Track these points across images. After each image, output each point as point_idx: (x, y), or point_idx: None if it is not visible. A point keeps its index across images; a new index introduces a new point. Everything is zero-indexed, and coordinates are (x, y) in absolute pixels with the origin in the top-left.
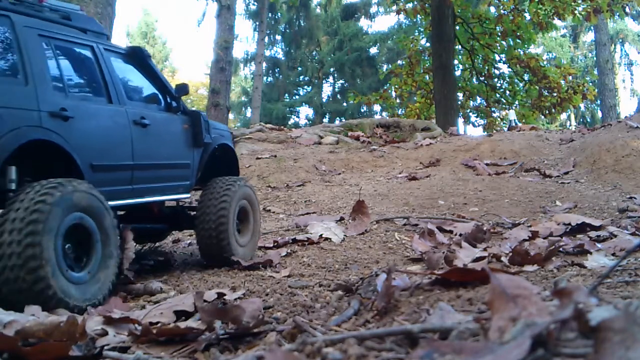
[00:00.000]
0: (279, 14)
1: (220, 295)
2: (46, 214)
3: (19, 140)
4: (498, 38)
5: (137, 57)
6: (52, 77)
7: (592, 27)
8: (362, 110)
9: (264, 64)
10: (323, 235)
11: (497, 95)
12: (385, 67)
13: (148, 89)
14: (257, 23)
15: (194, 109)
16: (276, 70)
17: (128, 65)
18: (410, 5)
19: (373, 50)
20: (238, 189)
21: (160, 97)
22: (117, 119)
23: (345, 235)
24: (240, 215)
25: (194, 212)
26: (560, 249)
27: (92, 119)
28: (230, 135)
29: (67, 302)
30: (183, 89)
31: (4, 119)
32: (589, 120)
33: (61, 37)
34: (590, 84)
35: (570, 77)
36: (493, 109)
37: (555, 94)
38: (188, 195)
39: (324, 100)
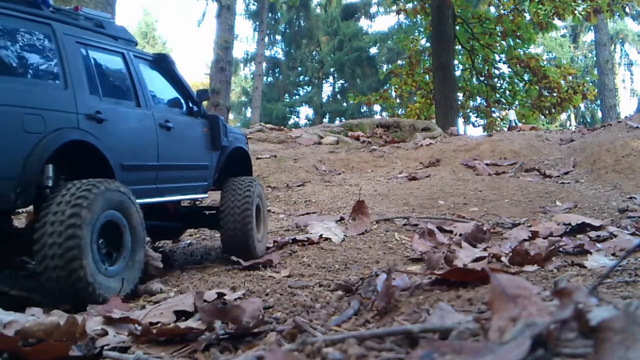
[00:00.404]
0: (279, 14)
1: (220, 295)
2: (86, 209)
3: (60, 141)
4: (498, 38)
5: (163, 64)
6: (88, 82)
7: (592, 27)
8: (362, 110)
9: (264, 64)
10: (323, 235)
11: (497, 95)
12: (385, 67)
13: (172, 93)
14: (257, 23)
15: (212, 113)
16: (276, 70)
17: (154, 71)
18: (410, 5)
19: (373, 50)
20: (255, 188)
21: (182, 101)
22: (144, 122)
23: (345, 235)
24: (256, 212)
25: (212, 212)
26: (560, 249)
27: (123, 122)
28: (245, 139)
29: (100, 292)
30: (204, 94)
31: (47, 121)
32: (589, 120)
33: (96, 44)
34: (590, 84)
35: (570, 77)
36: (493, 109)
37: (555, 94)
38: (206, 195)
39: (324, 100)
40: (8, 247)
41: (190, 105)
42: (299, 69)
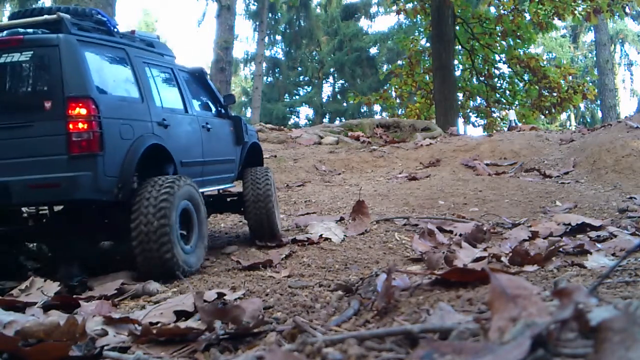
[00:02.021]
0: (279, 14)
1: (220, 295)
2: (172, 197)
3: (145, 144)
4: (498, 38)
5: (198, 74)
6: (155, 95)
7: (592, 28)
8: (362, 111)
9: (264, 64)
10: (323, 236)
11: (497, 95)
12: (385, 67)
13: (206, 99)
14: (257, 23)
15: (235, 114)
16: (276, 70)
17: (192, 80)
18: (410, 5)
19: (373, 50)
20: (272, 177)
21: (214, 105)
22: (192, 125)
23: (345, 236)
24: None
25: (233, 198)
26: (560, 249)
27: (179, 126)
28: (256, 134)
29: (181, 266)
30: (230, 98)
31: (134, 129)
32: (589, 120)
33: (154, 63)
34: (590, 84)
35: (570, 77)
36: (493, 109)
37: (555, 94)
38: (233, 184)
39: (324, 100)
40: (119, 234)
41: (219, 108)
42: (299, 69)
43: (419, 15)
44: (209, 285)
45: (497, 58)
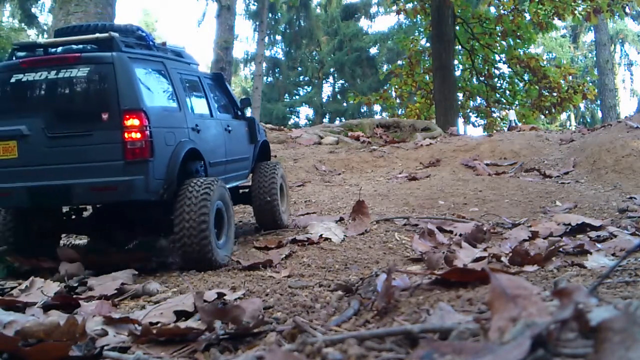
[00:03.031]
0: (279, 14)
1: (220, 295)
2: (210, 197)
3: (184, 149)
4: (498, 38)
5: (218, 80)
6: (188, 103)
7: (592, 28)
8: (362, 111)
9: (264, 64)
10: (323, 236)
11: (497, 95)
12: (385, 67)
13: (226, 102)
14: (257, 23)
15: (249, 115)
16: (276, 71)
17: (213, 85)
18: (410, 5)
19: (373, 50)
20: (279, 171)
21: (232, 108)
22: (217, 129)
23: (345, 236)
24: (280, 190)
25: (245, 190)
26: (560, 249)
27: (207, 130)
28: (264, 132)
29: (217, 259)
30: (246, 101)
31: (175, 136)
32: (589, 120)
33: (185, 72)
34: (590, 84)
35: (570, 77)
36: (493, 109)
37: (555, 94)
38: (248, 180)
39: (324, 100)
40: (158, 229)
41: (236, 110)
42: (299, 69)
43: (419, 15)
44: (209, 285)
45: (497, 58)
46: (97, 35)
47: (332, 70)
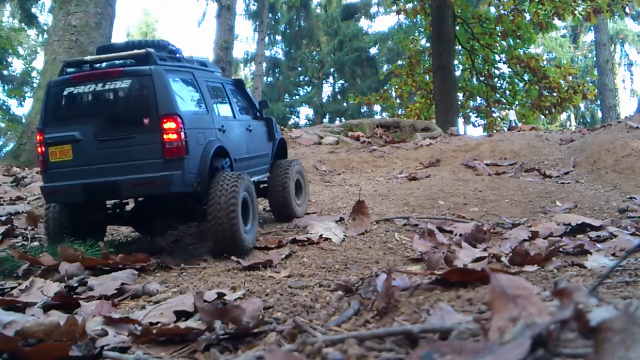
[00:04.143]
0: (279, 14)
1: (220, 295)
2: (238, 189)
3: (213, 147)
4: (498, 38)
5: (238, 84)
6: (214, 107)
7: (592, 28)
8: (362, 111)
9: (264, 64)
10: (323, 236)
11: (497, 95)
12: (385, 67)
13: (246, 105)
14: (257, 23)
15: (268, 116)
16: (276, 71)
17: (234, 90)
18: (410, 5)
19: (373, 50)
20: (294, 167)
21: (251, 110)
22: (240, 128)
23: (345, 236)
24: (296, 184)
25: (264, 185)
26: (560, 249)
27: (231, 130)
28: (280, 131)
29: (244, 242)
30: (264, 103)
31: (205, 136)
32: (589, 120)
33: (210, 80)
34: (590, 84)
35: (570, 77)
36: (493, 109)
37: (555, 94)
38: (268, 175)
39: (324, 100)
40: (192, 217)
41: (255, 111)
42: (299, 69)
43: (419, 15)
44: (209, 285)
45: (497, 58)
46: (136, 51)
47: (332, 70)
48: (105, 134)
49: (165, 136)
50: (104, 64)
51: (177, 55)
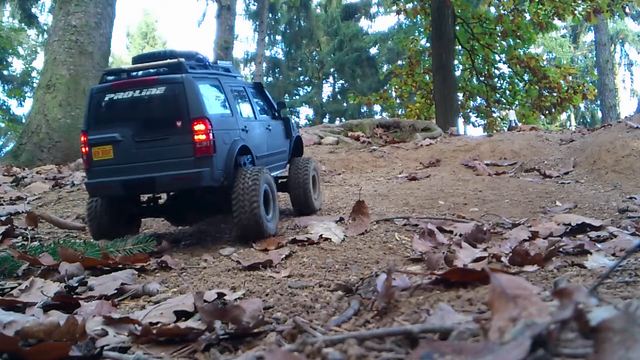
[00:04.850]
0: (279, 14)
1: (220, 295)
2: (259, 182)
3: (237, 146)
4: (498, 38)
5: (258, 87)
6: (238, 110)
7: (592, 28)
8: (362, 111)
9: (264, 64)
10: (323, 236)
11: (497, 95)
12: (385, 67)
13: (265, 106)
14: (257, 23)
15: (285, 115)
16: (276, 71)
17: (254, 92)
18: (410, 5)
19: (373, 50)
20: (311, 165)
21: (270, 110)
22: (260, 128)
23: (345, 236)
24: (312, 180)
25: (283, 180)
26: (560, 249)
27: (253, 130)
28: (298, 130)
29: (266, 230)
30: (281, 104)
31: (230, 136)
32: (589, 120)
33: (233, 84)
34: (590, 84)
35: (570, 77)
36: (493, 109)
37: (555, 94)
38: (286, 170)
39: (324, 100)
40: (219, 208)
41: (274, 111)
42: (299, 69)
43: (419, 15)
44: (209, 285)
45: (497, 58)
46: (169, 60)
47: (332, 70)
48: (142, 136)
49: (195, 137)
50: (140, 73)
51: (205, 63)
